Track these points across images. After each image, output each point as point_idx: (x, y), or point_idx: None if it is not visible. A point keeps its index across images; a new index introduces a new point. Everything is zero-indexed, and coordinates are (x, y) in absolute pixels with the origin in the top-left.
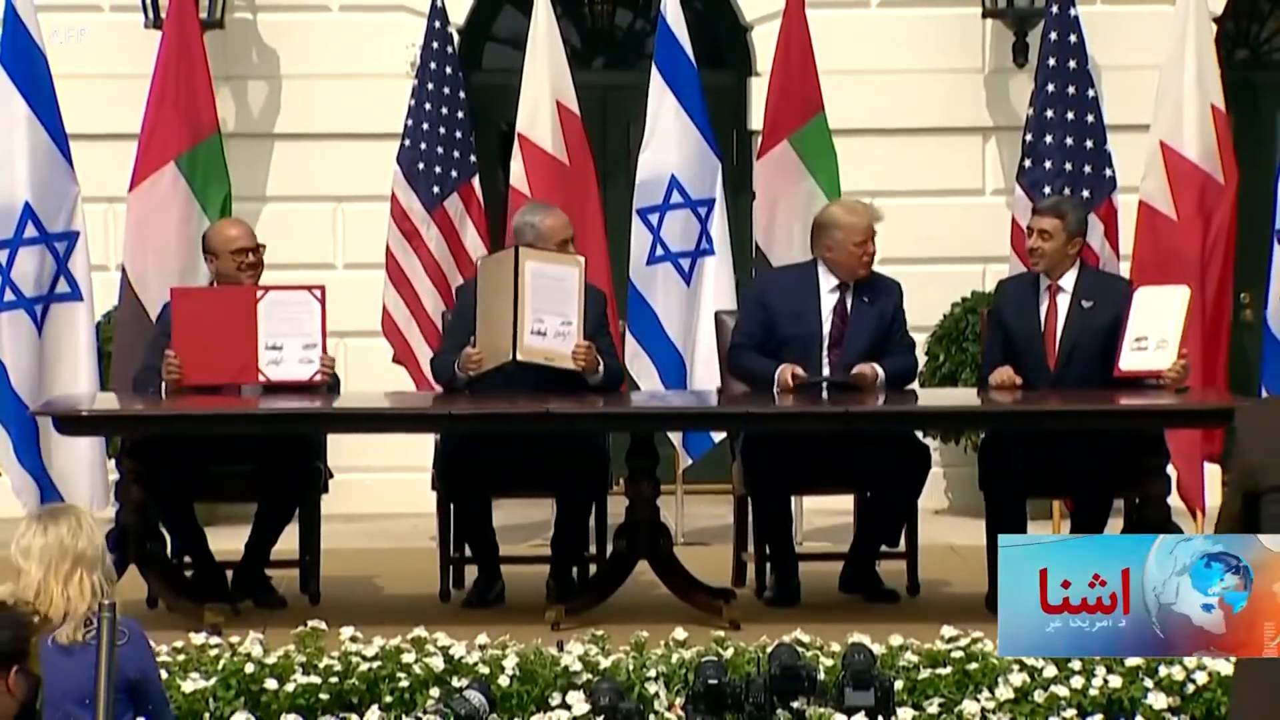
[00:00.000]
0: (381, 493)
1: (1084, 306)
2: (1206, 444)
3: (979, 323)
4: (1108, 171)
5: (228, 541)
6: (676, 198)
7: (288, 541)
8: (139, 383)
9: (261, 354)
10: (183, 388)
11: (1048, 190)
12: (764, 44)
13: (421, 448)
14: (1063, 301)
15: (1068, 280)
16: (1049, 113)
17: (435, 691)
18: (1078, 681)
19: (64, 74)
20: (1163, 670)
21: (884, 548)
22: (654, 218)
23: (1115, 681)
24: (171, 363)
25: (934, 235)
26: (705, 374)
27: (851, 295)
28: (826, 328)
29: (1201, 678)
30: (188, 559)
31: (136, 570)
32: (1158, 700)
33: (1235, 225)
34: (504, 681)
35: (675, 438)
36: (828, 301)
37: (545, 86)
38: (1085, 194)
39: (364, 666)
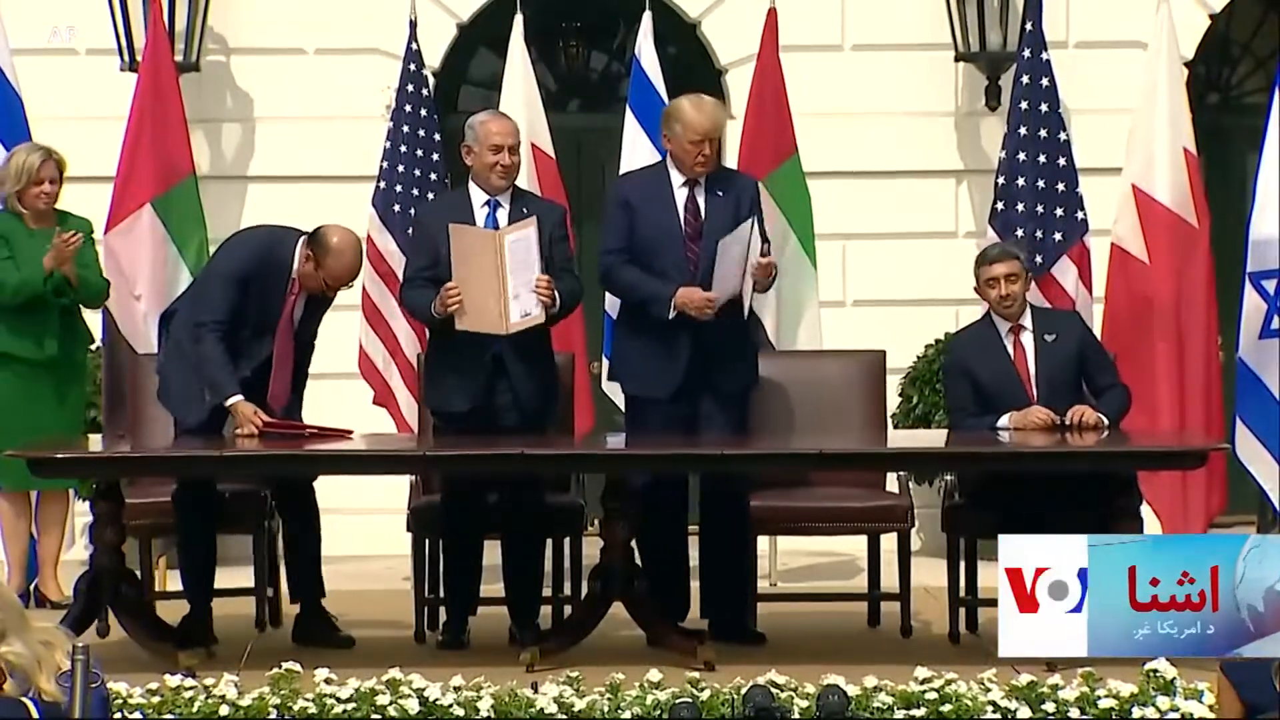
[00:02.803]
0: (355, 534)
1: (1047, 340)
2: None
3: None
4: (1080, 214)
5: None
6: None
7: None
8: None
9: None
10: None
11: (1020, 233)
12: (738, 87)
13: (396, 489)
14: (1027, 340)
15: (1026, 319)
16: (1021, 155)
17: None
18: None
19: (40, 117)
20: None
21: (881, 589)
22: None
23: None
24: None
25: (907, 277)
26: None
27: (703, 190)
28: (681, 223)
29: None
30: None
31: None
32: None
33: (1214, 270)
34: None
35: None
36: (679, 196)
37: (520, 129)
38: (1057, 236)
39: (339, 709)
